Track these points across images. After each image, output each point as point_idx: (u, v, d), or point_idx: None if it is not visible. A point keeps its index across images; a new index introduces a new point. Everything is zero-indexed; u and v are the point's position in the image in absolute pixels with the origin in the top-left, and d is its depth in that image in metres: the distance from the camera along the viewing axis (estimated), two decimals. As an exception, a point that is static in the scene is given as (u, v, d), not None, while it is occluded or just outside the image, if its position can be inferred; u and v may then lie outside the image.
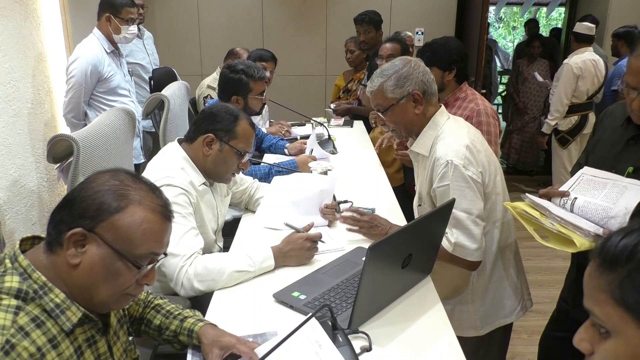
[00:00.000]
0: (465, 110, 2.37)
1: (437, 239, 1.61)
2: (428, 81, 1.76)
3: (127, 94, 3.29)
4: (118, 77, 3.20)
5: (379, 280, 1.37)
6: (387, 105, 1.75)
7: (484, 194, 1.73)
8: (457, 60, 2.42)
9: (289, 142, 3.27)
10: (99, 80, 3.11)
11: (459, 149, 1.68)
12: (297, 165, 2.69)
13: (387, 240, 1.32)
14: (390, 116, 1.77)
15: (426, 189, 1.80)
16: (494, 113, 2.38)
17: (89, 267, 1.01)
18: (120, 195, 1.03)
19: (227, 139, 1.84)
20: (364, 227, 1.87)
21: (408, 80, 1.72)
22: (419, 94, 1.73)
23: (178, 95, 3.08)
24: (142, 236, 1.03)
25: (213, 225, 1.97)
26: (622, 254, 0.69)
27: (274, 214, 2.08)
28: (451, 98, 2.47)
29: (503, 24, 13.63)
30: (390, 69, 1.75)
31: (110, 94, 3.18)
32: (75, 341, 1.03)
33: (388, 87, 1.73)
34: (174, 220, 1.61)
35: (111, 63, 3.17)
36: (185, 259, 1.60)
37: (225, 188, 2.10)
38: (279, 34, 5.55)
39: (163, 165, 1.81)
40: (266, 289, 1.58)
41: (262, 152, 3.25)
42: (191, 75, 5.23)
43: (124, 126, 2.21)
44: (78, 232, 1.00)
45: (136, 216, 1.03)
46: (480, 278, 1.83)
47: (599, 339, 0.73)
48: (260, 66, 2.80)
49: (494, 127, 2.33)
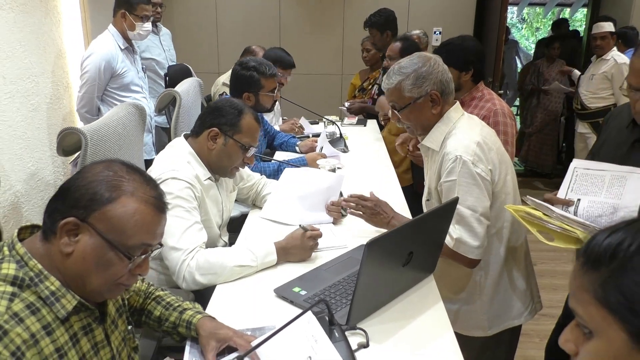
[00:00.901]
0: (482, 110, 2.35)
1: (440, 237, 1.59)
2: (447, 81, 1.73)
3: (140, 90, 3.33)
4: (131, 74, 3.24)
5: (378, 277, 1.37)
6: (404, 104, 1.74)
7: (493, 193, 1.72)
8: (474, 60, 2.40)
9: (301, 140, 3.27)
10: (112, 76, 3.15)
11: (469, 145, 1.67)
12: (306, 162, 2.69)
13: (386, 237, 1.31)
14: (406, 114, 1.76)
15: (434, 184, 1.79)
16: (511, 113, 2.36)
17: (81, 257, 1.03)
18: (113, 186, 1.04)
19: (231, 133, 1.84)
20: (366, 213, 1.86)
21: (427, 80, 1.70)
22: (437, 94, 1.71)
23: (191, 92, 3.10)
24: (134, 227, 1.04)
25: (218, 220, 1.98)
26: (605, 253, 0.68)
27: (280, 206, 2.09)
28: (467, 97, 2.45)
29: (526, 25, 13.46)
30: (409, 67, 1.72)
31: (123, 90, 3.21)
32: (70, 329, 1.05)
33: (406, 86, 1.71)
34: (177, 215, 1.65)
35: (125, 59, 3.21)
36: (188, 253, 1.61)
37: (231, 184, 2.11)
38: (295, 33, 5.56)
39: (169, 159, 1.83)
40: (267, 284, 1.59)
41: (273, 149, 3.26)
42: (208, 73, 5.27)
43: (134, 121, 2.24)
44: (71, 222, 1.01)
45: (128, 207, 1.03)
46: (488, 278, 1.81)
47: (583, 339, 0.71)
48: (279, 73, 2.79)
49: (511, 128, 2.30)
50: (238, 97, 2.61)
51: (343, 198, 1.98)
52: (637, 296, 0.64)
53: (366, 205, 1.86)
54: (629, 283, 0.65)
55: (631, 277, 0.65)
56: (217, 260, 1.61)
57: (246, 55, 4.05)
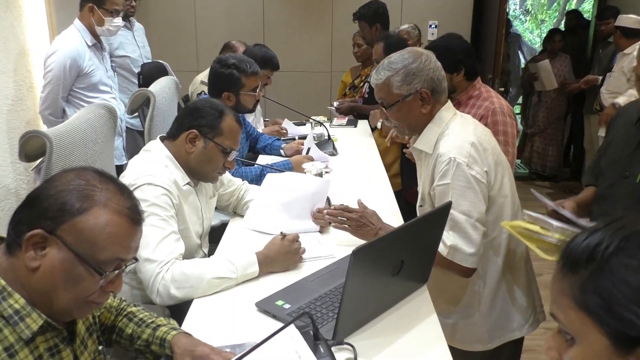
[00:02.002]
0: (479, 109, 2.38)
1: (433, 244, 1.61)
2: (438, 79, 1.76)
3: (109, 91, 3.33)
4: (99, 73, 3.24)
5: (366, 288, 1.38)
6: (392, 101, 1.77)
7: (489, 197, 1.74)
8: (463, 58, 2.43)
9: (286, 142, 3.29)
10: (79, 76, 3.15)
11: (463, 146, 1.69)
12: (291, 166, 2.71)
13: (374, 244, 1.33)
14: (394, 113, 1.79)
15: (428, 188, 1.81)
16: (511, 112, 2.39)
17: (48, 272, 1.02)
18: (85, 195, 1.04)
19: (211, 136, 1.86)
20: (352, 226, 1.88)
21: (417, 77, 1.73)
22: (427, 92, 1.74)
23: (166, 91, 3.11)
24: (106, 240, 1.04)
25: (197, 229, 1.99)
26: (583, 255, 0.70)
27: (262, 215, 2.10)
28: (464, 97, 2.48)
29: (530, 17, 13.57)
30: (399, 63, 1.75)
31: (91, 90, 3.21)
32: (35, 350, 1.04)
33: (395, 83, 1.74)
34: (153, 224, 1.66)
35: (92, 57, 3.21)
36: (162, 265, 1.62)
37: (211, 189, 2.12)
38: (281, 27, 5.59)
39: (145, 163, 1.84)
40: (248, 297, 1.60)
41: (256, 153, 3.27)
42: (186, 71, 5.27)
43: (104, 123, 2.24)
44: (38, 234, 1.01)
45: (100, 219, 1.04)
46: (487, 288, 1.84)
47: (565, 346, 0.73)
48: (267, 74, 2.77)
49: (511, 127, 2.33)
50: (217, 97, 2.63)
51: (326, 210, 1.99)
52: (615, 298, 0.66)
53: (350, 217, 1.87)
54: (607, 285, 0.67)
55: (609, 278, 0.67)
56: (193, 272, 1.62)
57: (226, 52, 4.06)
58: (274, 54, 3.50)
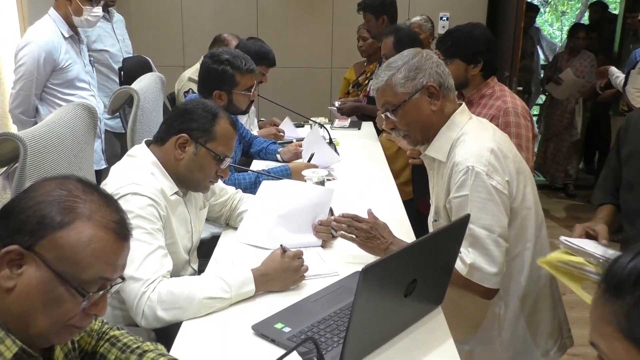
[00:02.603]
0: (490, 109, 2.39)
1: (449, 262, 1.61)
2: (443, 73, 1.78)
3: (87, 87, 3.33)
4: (77, 67, 3.24)
5: (376, 310, 1.38)
6: (398, 102, 1.77)
7: (511, 209, 1.74)
8: (484, 50, 2.45)
9: (283, 146, 3.28)
10: (54, 70, 3.15)
11: (481, 153, 1.69)
12: (290, 173, 2.71)
13: (385, 262, 1.33)
14: (403, 116, 1.78)
15: (443, 201, 1.81)
16: (526, 113, 2.39)
17: (25, 292, 1.02)
18: (67, 207, 1.04)
19: (203, 141, 1.86)
20: (360, 237, 1.87)
21: (421, 71, 1.75)
22: (435, 86, 1.75)
23: (151, 89, 3.11)
24: (90, 257, 1.04)
25: (186, 244, 1.98)
26: (629, 278, 0.69)
27: (258, 228, 2.10)
28: (476, 95, 2.49)
29: (550, 9, 13.63)
30: (399, 61, 1.77)
31: (67, 86, 3.21)
32: None
33: (397, 81, 1.75)
34: (138, 238, 1.65)
35: (69, 50, 3.21)
36: (148, 284, 1.61)
37: (202, 199, 2.12)
38: (276, 19, 5.60)
39: (129, 170, 1.84)
40: (244, 319, 1.59)
41: (250, 157, 3.27)
42: (172, 67, 5.28)
43: (83, 125, 2.24)
44: (13, 250, 1.01)
45: (84, 233, 1.03)
46: (508, 310, 1.84)
47: None
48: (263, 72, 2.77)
49: (525, 130, 2.34)
50: (207, 96, 2.64)
51: (333, 217, 1.99)
52: None
53: (360, 227, 1.87)
54: None
55: None
56: (182, 292, 1.61)
57: (217, 46, 4.07)
58: (269, 49, 3.51)
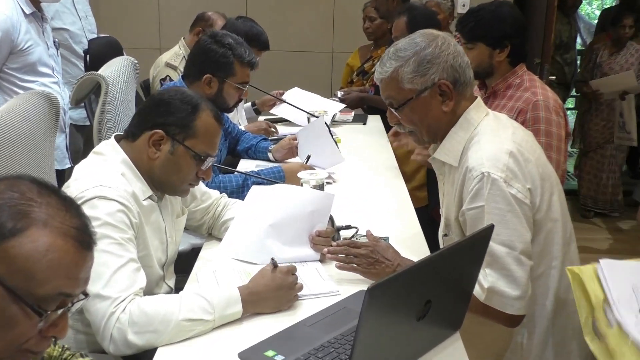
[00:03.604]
0: (518, 102, 2.40)
1: (468, 281, 1.62)
2: (461, 66, 1.77)
3: (50, 73, 3.33)
4: (39, 50, 3.24)
5: (384, 336, 1.38)
6: (403, 99, 1.77)
7: (534, 221, 1.74)
8: (512, 34, 2.46)
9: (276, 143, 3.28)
10: (12, 53, 3.15)
11: (499, 157, 1.70)
12: (283, 174, 2.72)
13: (395, 279, 1.33)
14: (408, 114, 1.79)
15: (454, 213, 1.81)
16: (559, 108, 2.40)
17: None
18: (19, 212, 1.04)
19: (181, 138, 1.86)
20: (362, 264, 1.88)
21: (433, 65, 1.74)
22: (448, 84, 1.75)
23: (121, 76, 3.10)
24: (47, 270, 1.03)
25: (160, 257, 1.98)
26: None
27: (245, 239, 2.10)
28: (501, 85, 2.50)
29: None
30: (409, 49, 1.76)
31: (27, 72, 3.22)
32: None
33: (404, 75, 1.75)
34: (106, 249, 1.65)
35: (30, 30, 3.22)
36: (118, 303, 1.61)
37: (180, 205, 2.12)
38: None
39: (96, 170, 1.84)
40: (229, 345, 1.59)
41: (237, 156, 3.28)
42: (146, 49, 5.28)
43: (42, 117, 2.24)
44: None
45: (39, 242, 1.03)
46: (533, 339, 1.84)
47: None
48: None
49: (557, 127, 2.34)
50: (194, 79, 2.66)
51: (327, 249, 1.99)
52: None
53: (359, 253, 1.88)
54: None
55: None
56: (157, 313, 1.61)
57: (199, 26, 4.08)
58: (262, 30, 3.52)
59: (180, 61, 3.99)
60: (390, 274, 1.80)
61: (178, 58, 4.04)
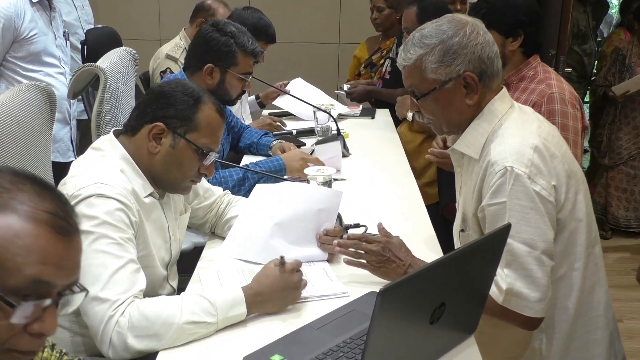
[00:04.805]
0: (532, 94, 2.39)
1: (483, 282, 1.60)
2: (489, 57, 1.75)
3: (57, 64, 3.37)
4: (44, 39, 3.27)
5: (396, 340, 1.37)
6: (426, 89, 1.76)
7: (558, 220, 1.73)
8: (525, 22, 2.45)
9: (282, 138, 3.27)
10: (15, 41, 3.18)
11: (523, 152, 1.68)
12: (283, 164, 2.72)
13: (408, 281, 1.32)
14: (429, 105, 1.79)
15: (472, 208, 1.80)
16: (575, 100, 2.39)
17: None
18: None
19: (183, 131, 1.85)
20: (371, 262, 1.87)
21: (459, 55, 1.72)
22: (474, 77, 1.73)
23: (121, 68, 3.10)
24: (17, 257, 0.99)
25: (164, 256, 1.98)
26: None
27: (249, 239, 2.09)
28: (514, 77, 2.50)
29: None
30: (435, 36, 1.74)
31: (31, 61, 3.24)
32: None
33: (429, 64, 1.73)
34: (104, 250, 1.64)
35: (36, 18, 3.24)
36: (117, 305, 1.60)
37: (182, 202, 2.12)
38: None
39: (94, 166, 1.83)
40: (233, 349, 1.59)
41: (239, 152, 3.27)
42: (145, 41, 5.29)
43: (38, 110, 2.23)
44: None
45: (7, 229, 1.00)
46: (552, 345, 1.82)
47: None
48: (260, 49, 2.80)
49: (574, 120, 2.34)
50: (196, 69, 2.67)
51: (336, 241, 1.98)
52: None
53: (370, 249, 1.87)
54: None
55: None
56: (158, 315, 1.60)
57: (200, 16, 4.07)
58: (269, 22, 3.52)
59: (181, 53, 3.98)
60: (400, 275, 1.80)
61: (179, 50, 4.03)
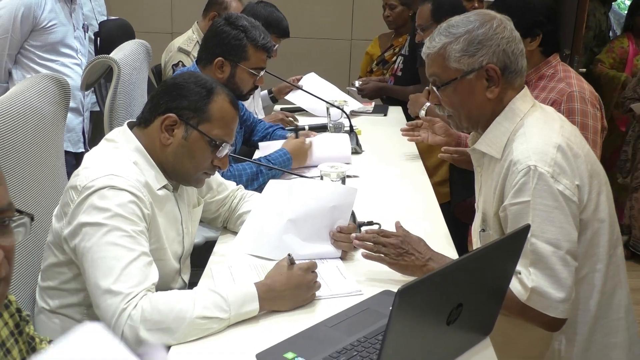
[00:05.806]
0: (551, 93, 2.38)
1: (501, 283, 1.60)
2: (514, 53, 1.76)
3: (73, 55, 3.41)
4: (63, 30, 3.31)
5: (412, 340, 1.36)
6: (447, 78, 1.77)
7: (580, 221, 1.73)
8: (544, 21, 2.44)
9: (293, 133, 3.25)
10: (33, 30, 3.22)
11: (547, 151, 1.68)
12: (289, 156, 2.73)
13: (426, 281, 1.31)
14: (449, 95, 1.79)
15: (494, 208, 1.80)
16: (595, 99, 2.39)
17: None
18: None
19: (195, 122, 1.85)
20: (390, 255, 1.86)
21: (484, 47, 1.73)
22: (496, 69, 1.74)
23: (134, 60, 3.09)
24: None
25: (177, 249, 1.98)
26: None
27: (262, 234, 2.09)
28: (533, 76, 2.49)
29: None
30: (461, 26, 1.75)
31: (48, 50, 3.28)
32: None
33: (452, 53, 1.74)
34: (117, 242, 1.64)
35: (56, 9, 3.28)
36: (129, 299, 1.60)
37: (196, 195, 2.12)
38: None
39: (107, 158, 1.83)
40: (246, 346, 1.59)
41: (252, 146, 3.27)
42: (158, 34, 5.30)
43: (53, 100, 2.22)
44: None
45: None
46: (572, 346, 1.82)
47: None
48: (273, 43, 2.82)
49: (594, 119, 2.33)
50: (207, 62, 2.68)
51: (355, 234, 1.98)
52: None
53: (389, 242, 1.86)
54: None
55: None
56: (171, 309, 1.60)
57: (214, 9, 4.07)
58: (282, 16, 3.51)
59: (193, 46, 3.98)
60: (420, 267, 1.81)
61: (191, 43, 4.03)
